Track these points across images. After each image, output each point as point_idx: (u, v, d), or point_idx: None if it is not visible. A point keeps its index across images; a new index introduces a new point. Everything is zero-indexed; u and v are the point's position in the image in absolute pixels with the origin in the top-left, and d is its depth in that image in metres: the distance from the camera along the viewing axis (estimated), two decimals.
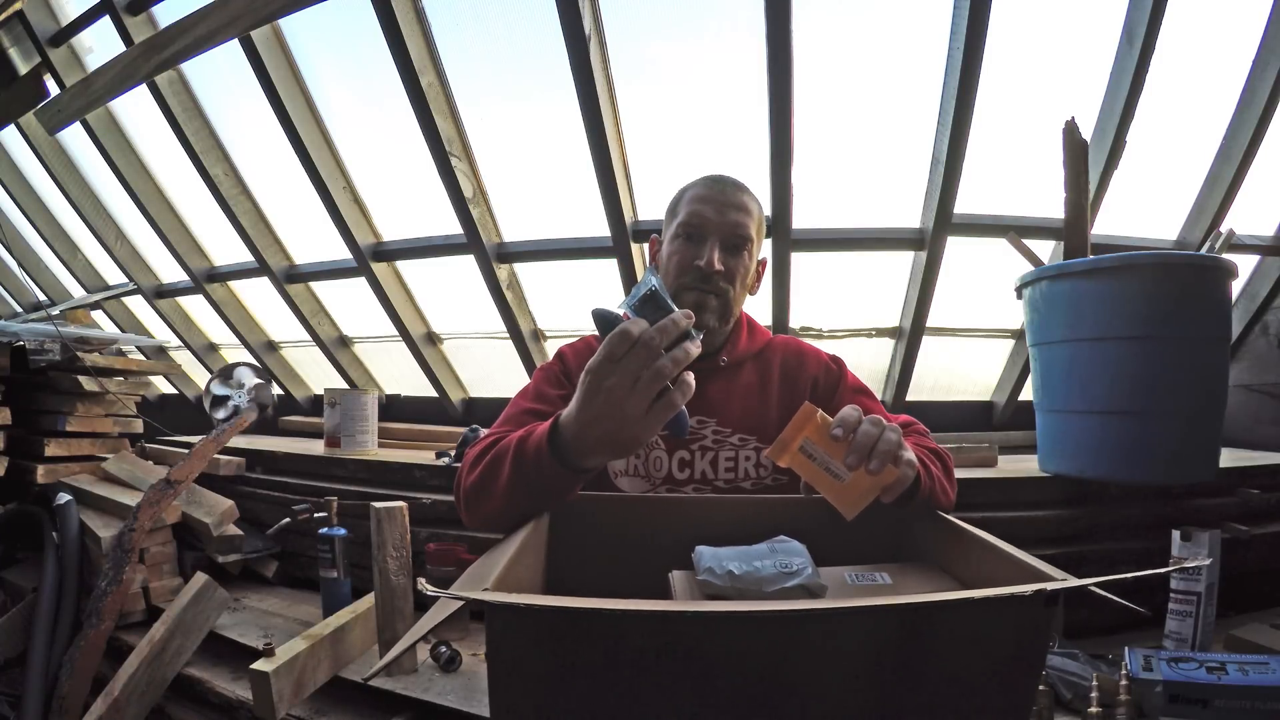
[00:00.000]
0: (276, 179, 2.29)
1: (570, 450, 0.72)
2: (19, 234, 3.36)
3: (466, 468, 0.87)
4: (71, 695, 1.44)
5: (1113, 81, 1.64)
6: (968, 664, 0.48)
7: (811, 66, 1.62)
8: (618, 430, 0.66)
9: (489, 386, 2.55)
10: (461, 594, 0.42)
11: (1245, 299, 2.03)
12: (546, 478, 0.74)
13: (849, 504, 0.72)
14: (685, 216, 1.04)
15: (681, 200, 1.07)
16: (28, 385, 2.18)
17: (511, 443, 0.79)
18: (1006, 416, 2.15)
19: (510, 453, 0.78)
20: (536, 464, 0.74)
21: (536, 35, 1.75)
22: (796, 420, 0.73)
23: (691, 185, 1.08)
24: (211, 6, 1.86)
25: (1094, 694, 0.95)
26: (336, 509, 1.51)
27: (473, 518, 0.87)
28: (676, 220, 1.06)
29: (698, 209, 1.04)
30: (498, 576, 0.51)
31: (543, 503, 0.78)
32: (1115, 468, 1.35)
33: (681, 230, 1.04)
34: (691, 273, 1.02)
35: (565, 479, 0.74)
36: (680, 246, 1.04)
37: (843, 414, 0.71)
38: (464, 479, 0.87)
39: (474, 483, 0.84)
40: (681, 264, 1.03)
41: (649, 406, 0.65)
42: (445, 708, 1.10)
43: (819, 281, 2.04)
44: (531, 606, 0.42)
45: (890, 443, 0.70)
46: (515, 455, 0.77)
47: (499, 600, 0.42)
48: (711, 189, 1.05)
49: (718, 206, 1.03)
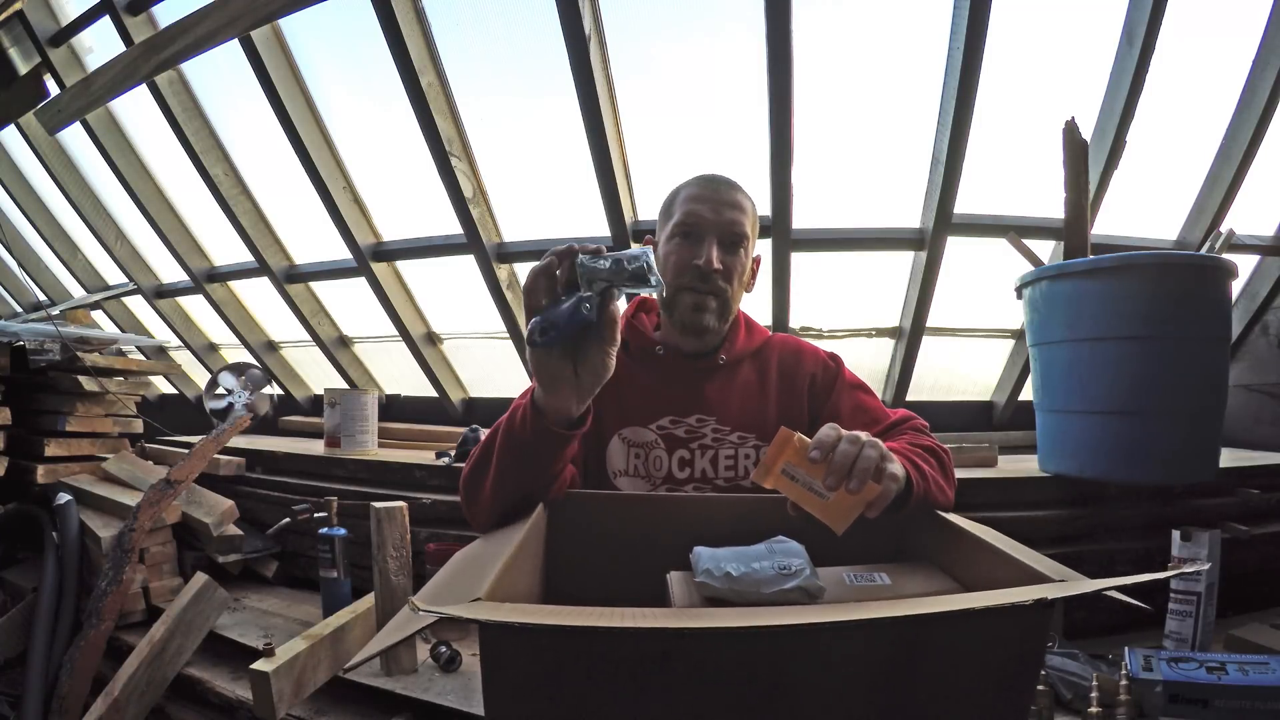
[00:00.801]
0: (276, 179, 2.29)
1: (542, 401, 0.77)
2: (19, 234, 3.36)
3: (466, 468, 0.89)
4: (71, 695, 1.44)
5: (1113, 81, 1.64)
6: (965, 670, 0.48)
7: (811, 66, 1.62)
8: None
9: (489, 386, 2.55)
10: (455, 613, 0.41)
11: (1245, 299, 2.02)
12: (532, 435, 0.78)
13: (836, 520, 0.72)
14: (681, 216, 1.04)
15: (676, 200, 1.07)
16: (28, 385, 2.18)
17: (503, 420, 0.84)
18: (1006, 416, 2.15)
19: (502, 427, 0.83)
20: (523, 424, 0.78)
21: (536, 35, 1.75)
22: (775, 444, 0.73)
23: (685, 185, 1.07)
24: (211, 6, 1.86)
25: (1094, 694, 0.95)
26: (336, 509, 1.51)
27: (472, 507, 0.87)
28: (672, 220, 1.05)
29: (694, 208, 1.03)
30: (492, 582, 0.51)
31: (535, 471, 0.80)
32: (1115, 468, 1.35)
33: (678, 230, 1.03)
34: (690, 272, 1.02)
35: (550, 436, 0.78)
36: (677, 246, 1.04)
37: (819, 435, 0.71)
38: (464, 472, 0.89)
39: (471, 470, 0.87)
40: (679, 264, 1.03)
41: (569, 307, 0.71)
42: (445, 708, 1.10)
43: (819, 281, 2.04)
44: (525, 625, 0.42)
45: (869, 460, 0.69)
46: (505, 427, 0.82)
47: (492, 619, 0.42)
48: (706, 188, 1.05)
49: (714, 205, 1.03)
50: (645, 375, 1.06)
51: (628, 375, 1.05)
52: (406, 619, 0.45)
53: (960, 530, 0.72)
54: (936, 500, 0.83)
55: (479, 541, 0.75)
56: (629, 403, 1.04)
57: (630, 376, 1.05)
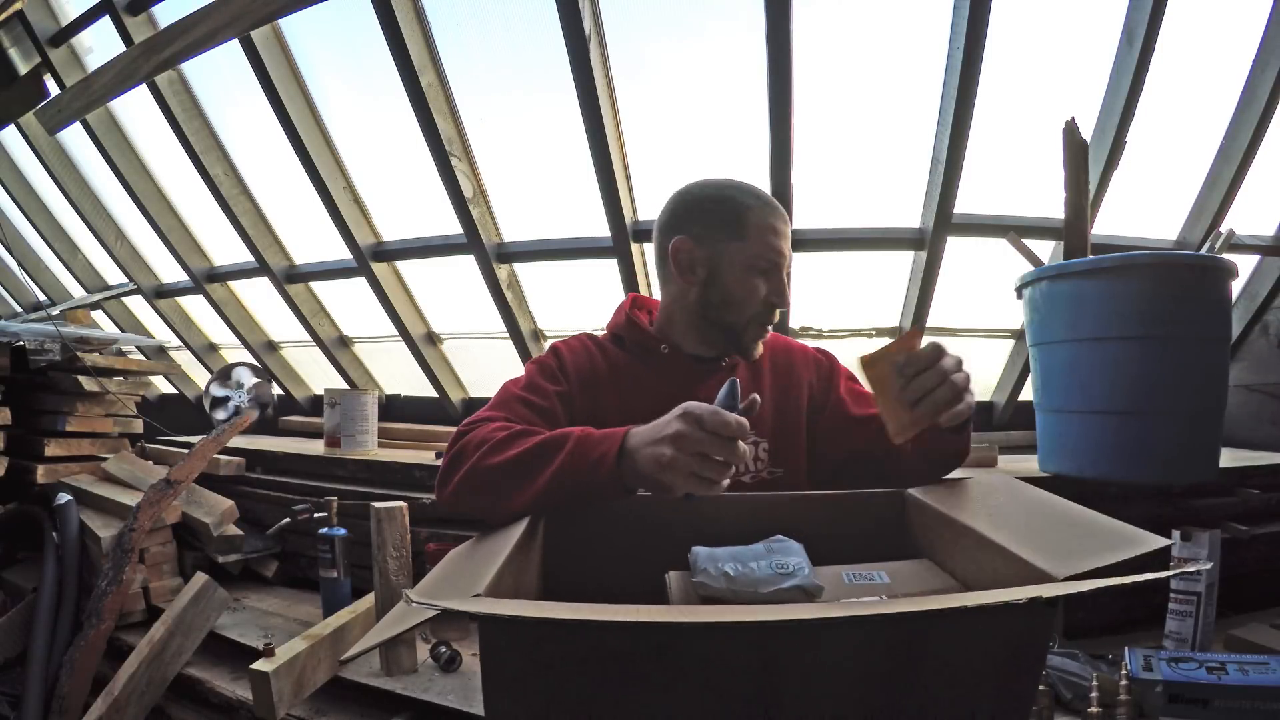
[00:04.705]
0: (276, 179, 2.29)
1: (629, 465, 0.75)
2: (19, 234, 3.36)
3: (479, 453, 0.84)
4: (71, 695, 1.44)
5: (1113, 81, 1.64)
6: (964, 669, 0.48)
7: (811, 66, 1.62)
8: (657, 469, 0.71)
9: (489, 386, 2.54)
10: (454, 606, 0.41)
11: (1245, 299, 2.02)
12: (603, 488, 0.77)
13: (898, 428, 0.79)
14: (762, 249, 1.02)
15: (746, 220, 1.03)
16: (28, 385, 2.18)
17: (568, 437, 0.80)
18: (1006, 416, 2.15)
19: (563, 453, 0.78)
20: (593, 473, 0.76)
21: (536, 35, 1.75)
22: (902, 340, 0.81)
23: (753, 203, 1.04)
24: (211, 6, 1.86)
25: (1094, 694, 0.95)
26: (336, 509, 1.52)
27: (473, 500, 0.84)
28: (748, 248, 1.02)
29: (775, 244, 1.03)
30: (492, 580, 0.51)
31: (580, 504, 0.81)
32: (1115, 468, 1.35)
33: (761, 263, 1.03)
34: (766, 309, 1.04)
35: (621, 492, 0.77)
36: (756, 280, 1.03)
37: (923, 351, 0.80)
38: (480, 460, 0.84)
39: (502, 464, 0.82)
40: (758, 300, 1.04)
41: (693, 476, 0.70)
42: (445, 708, 1.10)
43: (819, 281, 2.04)
44: (524, 619, 0.42)
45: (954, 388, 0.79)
46: (569, 464, 0.78)
47: (488, 612, 0.42)
48: (779, 219, 1.05)
49: (787, 241, 1.05)
50: (647, 373, 1.06)
51: (629, 373, 1.06)
52: (404, 612, 0.45)
53: (959, 525, 0.72)
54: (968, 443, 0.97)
55: (477, 539, 0.75)
56: (631, 401, 1.03)
57: (632, 374, 1.06)
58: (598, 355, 1.08)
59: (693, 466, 0.68)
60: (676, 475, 0.69)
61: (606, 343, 1.11)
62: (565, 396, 1.02)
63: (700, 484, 0.69)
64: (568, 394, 1.02)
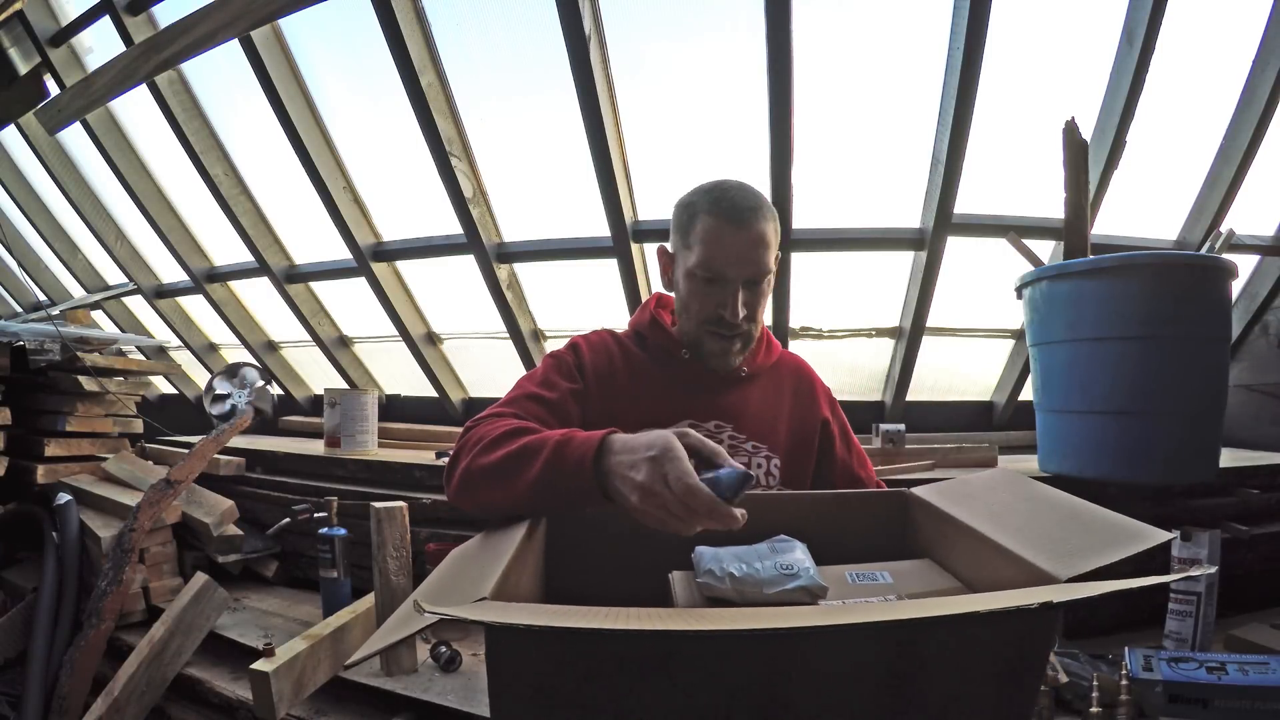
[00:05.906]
0: (276, 179, 2.29)
1: (605, 476, 0.70)
2: (19, 234, 3.36)
3: (474, 452, 0.83)
4: (71, 695, 1.44)
5: (1113, 81, 1.64)
6: (968, 672, 0.48)
7: (811, 66, 1.62)
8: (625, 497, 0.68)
9: (489, 386, 2.55)
10: (462, 615, 0.41)
11: (1245, 299, 2.02)
12: (578, 497, 0.73)
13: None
14: (703, 257, 0.96)
15: (694, 226, 0.97)
16: (28, 385, 2.18)
17: (546, 442, 0.76)
18: (1006, 416, 2.15)
19: (545, 451, 0.75)
20: (575, 480, 0.72)
21: (537, 35, 1.75)
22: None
23: (705, 205, 0.97)
24: (211, 6, 1.86)
25: (1094, 694, 0.95)
26: (336, 509, 1.51)
27: (471, 500, 0.83)
28: (693, 256, 0.97)
29: (716, 254, 0.95)
30: (496, 582, 0.51)
31: (562, 509, 0.77)
32: (1115, 468, 1.35)
33: (700, 272, 0.97)
34: (714, 320, 0.99)
35: (598, 501, 0.72)
36: (700, 289, 0.98)
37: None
38: (473, 459, 0.82)
39: (490, 465, 0.79)
40: (704, 311, 0.99)
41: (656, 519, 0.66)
42: (445, 708, 1.10)
43: (819, 281, 2.04)
44: (530, 627, 0.42)
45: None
46: (552, 463, 0.74)
47: (500, 621, 0.42)
48: (730, 222, 0.95)
49: (739, 251, 0.95)
50: (665, 377, 1.05)
51: (647, 375, 1.04)
52: (408, 617, 0.45)
53: (962, 526, 0.72)
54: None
55: (479, 539, 0.75)
56: (647, 404, 1.02)
57: (650, 376, 1.04)
58: (617, 355, 1.06)
59: (653, 513, 0.66)
60: (642, 516, 0.67)
61: (628, 341, 1.09)
62: (580, 394, 1.00)
63: (664, 526, 0.66)
64: (583, 392, 1.00)
